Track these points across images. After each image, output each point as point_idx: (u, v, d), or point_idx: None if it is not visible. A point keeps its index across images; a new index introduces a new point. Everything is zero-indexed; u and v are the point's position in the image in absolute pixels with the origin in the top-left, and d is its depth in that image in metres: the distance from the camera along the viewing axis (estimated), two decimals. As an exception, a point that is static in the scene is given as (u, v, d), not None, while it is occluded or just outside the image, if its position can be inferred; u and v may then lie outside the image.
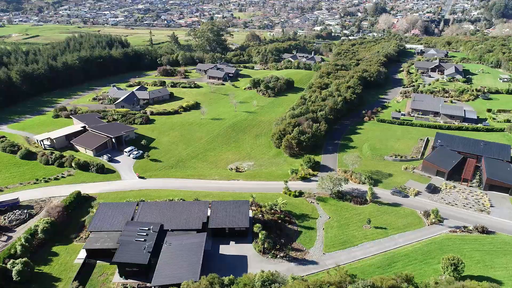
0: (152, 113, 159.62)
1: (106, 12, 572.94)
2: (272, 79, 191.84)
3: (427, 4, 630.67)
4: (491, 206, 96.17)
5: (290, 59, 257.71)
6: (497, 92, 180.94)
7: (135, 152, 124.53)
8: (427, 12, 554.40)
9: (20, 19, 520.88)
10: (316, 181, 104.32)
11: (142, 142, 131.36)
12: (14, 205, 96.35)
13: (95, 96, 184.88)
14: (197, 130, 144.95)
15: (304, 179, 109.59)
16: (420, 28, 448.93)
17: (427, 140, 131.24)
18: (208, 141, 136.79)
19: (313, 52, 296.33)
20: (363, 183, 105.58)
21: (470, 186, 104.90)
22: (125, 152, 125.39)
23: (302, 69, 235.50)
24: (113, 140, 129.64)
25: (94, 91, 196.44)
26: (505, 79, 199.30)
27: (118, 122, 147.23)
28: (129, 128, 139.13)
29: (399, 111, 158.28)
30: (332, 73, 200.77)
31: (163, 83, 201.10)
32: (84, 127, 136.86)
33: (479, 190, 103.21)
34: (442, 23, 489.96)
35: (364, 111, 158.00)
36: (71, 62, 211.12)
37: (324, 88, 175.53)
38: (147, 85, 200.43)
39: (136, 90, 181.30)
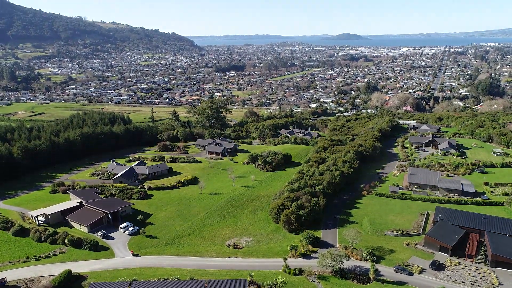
0: (150, 188, 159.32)
1: (110, 91, 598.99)
2: (270, 153, 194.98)
3: (416, 83, 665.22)
4: (500, 284, 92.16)
5: (287, 134, 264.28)
6: (492, 165, 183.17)
7: (131, 228, 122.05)
8: (417, 90, 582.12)
9: (28, 97, 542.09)
10: (317, 257, 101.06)
11: (139, 218, 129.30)
12: (1, 285, 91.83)
13: (94, 171, 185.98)
14: (194, 205, 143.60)
15: (304, 255, 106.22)
16: (412, 105, 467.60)
17: (427, 215, 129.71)
18: (206, 216, 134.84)
19: (309, 128, 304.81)
20: (365, 259, 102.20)
21: (475, 263, 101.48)
22: (121, 228, 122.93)
23: (299, 144, 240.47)
24: (109, 215, 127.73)
25: (93, 166, 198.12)
26: (499, 153, 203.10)
27: (116, 197, 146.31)
28: (126, 203, 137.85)
29: (397, 185, 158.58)
30: (328, 148, 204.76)
31: (162, 158, 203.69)
32: (80, 202, 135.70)
33: (485, 266, 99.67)
34: (432, 100, 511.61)
35: (362, 185, 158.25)
36: (73, 138, 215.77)
37: (321, 163, 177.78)
38: (147, 160, 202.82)
39: (135, 165, 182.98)
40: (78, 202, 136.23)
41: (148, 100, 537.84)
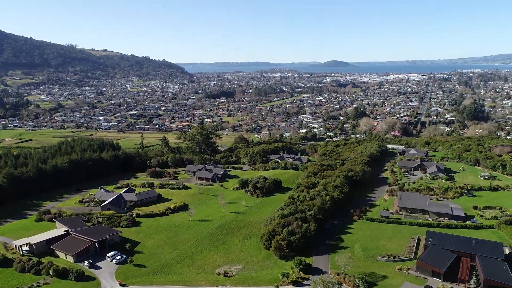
0: (138, 215, 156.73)
1: (100, 118, 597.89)
2: (260, 179, 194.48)
3: (403, 108, 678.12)
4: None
5: (277, 159, 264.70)
6: (480, 189, 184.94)
7: (118, 257, 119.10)
8: (404, 115, 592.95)
9: (16, 124, 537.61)
10: (308, 285, 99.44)
11: (127, 246, 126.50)
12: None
13: (81, 199, 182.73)
14: (184, 232, 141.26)
15: (296, 283, 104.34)
16: (399, 130, 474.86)
17: (418, 239, 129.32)
18: (195, 243, 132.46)
19: (299, 153, 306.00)
20: (357, 286, 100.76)
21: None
22: (108, 257, 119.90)
23: (289, 169, 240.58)
24: (96, 244, 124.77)
25: (81, 194, 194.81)
26: (486, 177, 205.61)
27: (103, 225, 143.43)
28: (113, 231, 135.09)
29: (387, 210, 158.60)
30: (318, 173, 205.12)
31: (151, 185, 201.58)
32: (67, 231, 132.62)
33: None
34: (419, 125, 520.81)
35: (352, 210, 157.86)
36: (60, 165, 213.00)
37: (311, 188, 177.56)
38: (136, 186, 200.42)
39: (124, 192, 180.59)
40: (64, 231, 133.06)
41: (138, 126, 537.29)
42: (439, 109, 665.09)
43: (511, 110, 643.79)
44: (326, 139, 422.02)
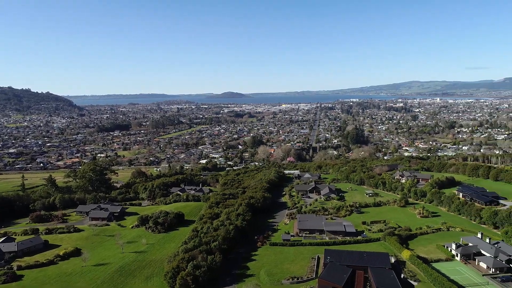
0: (20, 268, 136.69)
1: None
2: (161, 214, 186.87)
3: (296, 135, 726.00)
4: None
5: (178, 192, 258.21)
6: (367, 205, 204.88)
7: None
8: (298, 142, 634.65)
9: None
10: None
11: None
12: None
13: None
14: (77, 281, 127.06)
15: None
16: (294, 156, 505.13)
17: (318, 258, 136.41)
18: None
19: (201, 184, 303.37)
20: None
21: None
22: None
23: (192, 201, 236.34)
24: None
25: None
26: (370, 194, 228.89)
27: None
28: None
29: (288, 233, 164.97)
30: (221, 203, 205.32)
31: (36, 231, 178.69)
32: None
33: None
34: (311, 151, 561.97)
35: (256, 237, 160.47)
36: None
37: (215, 218, 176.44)
38: (16, 235, 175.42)
39: (1, 242, 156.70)
40: None
41: (18, 166, 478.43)
42: (327, 135, 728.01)
43: (385, 133, 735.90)
44: (227, 168, 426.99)
